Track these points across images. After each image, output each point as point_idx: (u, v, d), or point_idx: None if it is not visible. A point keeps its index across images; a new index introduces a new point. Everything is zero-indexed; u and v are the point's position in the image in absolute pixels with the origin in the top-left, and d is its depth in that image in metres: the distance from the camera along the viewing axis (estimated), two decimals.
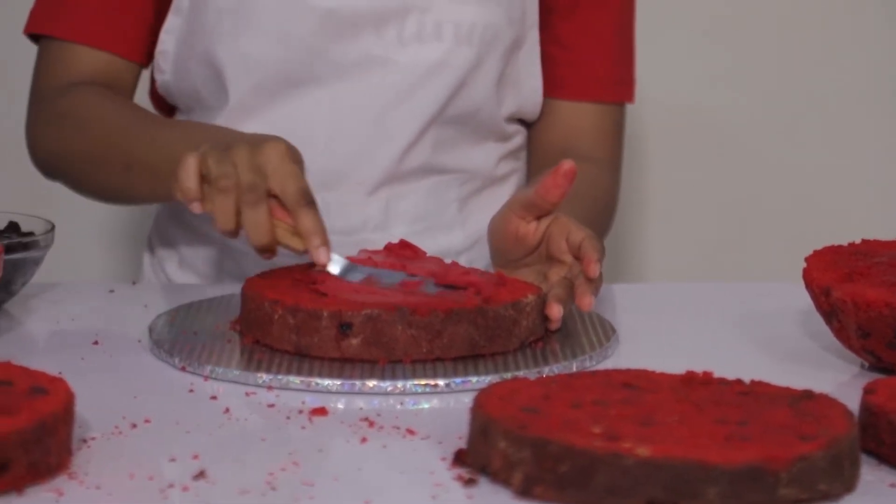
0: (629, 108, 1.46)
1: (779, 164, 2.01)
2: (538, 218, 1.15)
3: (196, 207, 1.08)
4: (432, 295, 1.07)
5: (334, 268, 1.10)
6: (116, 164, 1.26)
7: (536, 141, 1.44)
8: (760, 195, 2.02)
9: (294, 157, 1.10)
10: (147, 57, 1.38)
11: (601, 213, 1.37)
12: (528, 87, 1.40)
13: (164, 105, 1.43)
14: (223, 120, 1.35)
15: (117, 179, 1.28)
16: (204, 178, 1.08)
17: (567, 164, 1.12)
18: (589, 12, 1.40)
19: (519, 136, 1.44)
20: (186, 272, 1.42)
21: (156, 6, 1.36)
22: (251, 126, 1.33)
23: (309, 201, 1.08)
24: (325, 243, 1.08)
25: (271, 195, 1.08)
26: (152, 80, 1.41)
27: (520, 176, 1.46)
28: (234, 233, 1.08)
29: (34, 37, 1.38)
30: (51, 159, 1.34)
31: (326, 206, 1.34)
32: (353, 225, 1.36)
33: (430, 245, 1.24)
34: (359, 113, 1.34)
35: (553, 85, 1.41)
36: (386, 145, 1.35)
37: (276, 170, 1.08)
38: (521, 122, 1.44)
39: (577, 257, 1.12)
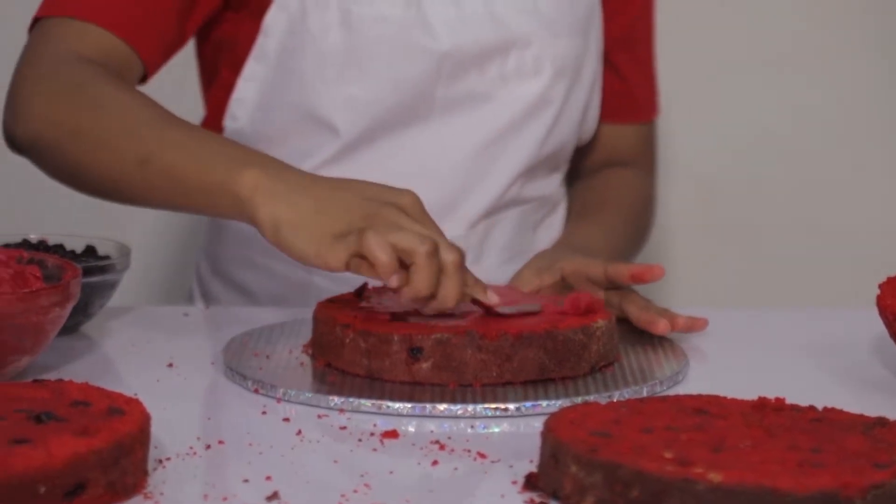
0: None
1: (851, 188, 2.00)
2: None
3: (395, 281, 1.02)
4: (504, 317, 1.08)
5: None
6: (129, 155, 1.12)
7: (581, 161, 1.49)
8: (834, 219, 2.00)
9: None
10: (155, 67, 1.28)
11: (640, 216, 1.44)
12: (591, 116, 1.44)
13: None
14: (315, 161, 1.33)
15: (128, 172, 1.13)
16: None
17: (659, 272, 1.17)
18: (641, 43, 1.46)
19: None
20: (230, 291, 1.43)
21: (180, 31, 1.28)
22: (354, 166, 1.33)
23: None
24: (488, 287, 1.08)
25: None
26: (205, 123, 1.39)
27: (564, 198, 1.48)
28: (430, 299, 1.03)
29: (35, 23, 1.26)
30: (46, 133, 1.18)
31: None
32: None
33: (511, 272, 1.25)
34: (462, 149, 1.35)
35: (606, 112, 1.46)
36: (489, 180, 1.36)
37: (443, 236, 1.05)
38: None
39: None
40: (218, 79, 1.38)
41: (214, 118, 1.38)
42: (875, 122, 1.98)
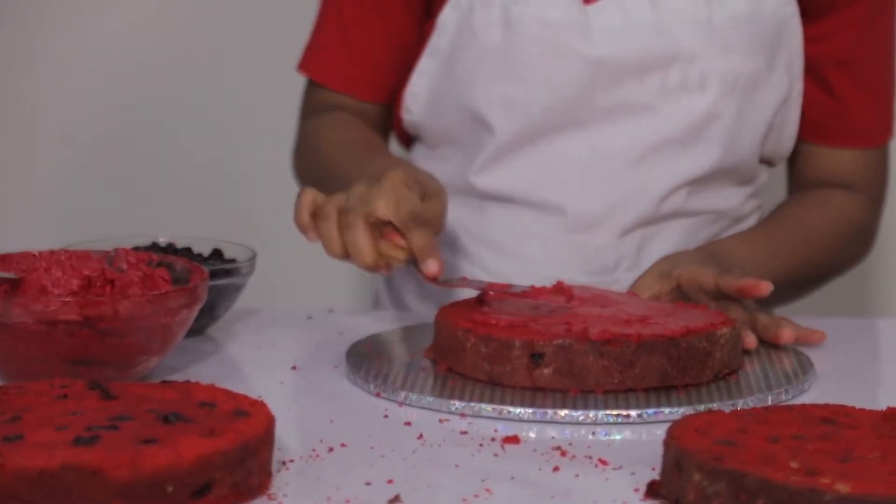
0: None
1: None
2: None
3: (308, 237, 1.15)
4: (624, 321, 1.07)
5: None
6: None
7: (795, 180, 1.44)
8: None
9: (410, 183, 1.15)
10: (389, 96, 1.42)
11: (837, 241, 1.38)
12: (786, 134, 1.39)
13: (406, 136, 1.45)
14: (479, 160, 1.36)
15: None
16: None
17: (765, 287, 1.14)
18: (866, 65, 1.39)
19: (763, 174, 1.43)
20: (425, 301, 1.44)
21: (398, 50, 1.39)
22: (511, 167, 1.35)
23: (417, 222, 1.12)
24: (435, 257, 1.12)
25: (385, 221, 1.13)
26: (396, 116, 1.43)
27: (761, 212, 1.44)
28: (343, 257, 1.14)
29: None
30: (298, 180, 1.45)
31: (583, 247, 1.35)
32: (607, 266, 1.36)
33: None
34: (618, 158, 1.34)
35: (818, 133, 1.41)
36: (645, 191, 1.35)
37: (387, 196, 1.13)
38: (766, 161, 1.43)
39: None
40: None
41: (395, 109, 1.42)
42: None
